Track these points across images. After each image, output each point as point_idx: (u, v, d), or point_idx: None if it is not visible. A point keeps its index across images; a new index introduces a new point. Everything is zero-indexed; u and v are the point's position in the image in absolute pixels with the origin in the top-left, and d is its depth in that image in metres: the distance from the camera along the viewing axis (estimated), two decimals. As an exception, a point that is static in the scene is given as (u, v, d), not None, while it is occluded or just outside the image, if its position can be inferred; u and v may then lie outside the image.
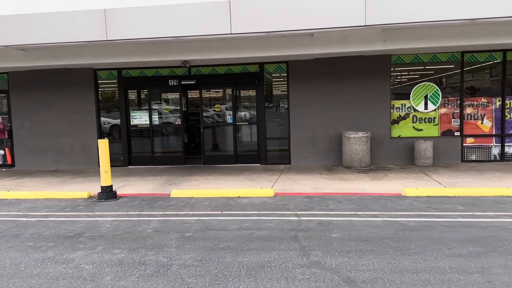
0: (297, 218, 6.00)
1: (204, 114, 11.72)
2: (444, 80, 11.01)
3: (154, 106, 11.78)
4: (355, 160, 10.26)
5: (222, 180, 9.19)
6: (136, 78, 11.66)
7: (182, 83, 11.38)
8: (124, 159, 11.84)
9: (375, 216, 6.04)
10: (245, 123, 11.59)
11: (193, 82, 11.34)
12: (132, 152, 11.95)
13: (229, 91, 11.55)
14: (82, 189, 8.72)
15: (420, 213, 6.17)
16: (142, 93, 11.94)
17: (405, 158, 10.87)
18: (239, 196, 7.49)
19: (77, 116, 11.81)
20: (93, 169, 11.58)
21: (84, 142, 11.87)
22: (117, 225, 6.00)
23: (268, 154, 11.44)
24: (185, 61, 10.84)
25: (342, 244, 4.92)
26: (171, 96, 11.99)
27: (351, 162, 10.31)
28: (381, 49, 8.98)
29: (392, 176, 9.08)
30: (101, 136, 11.91)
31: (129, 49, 9.55)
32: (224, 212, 6.45)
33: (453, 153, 10.79)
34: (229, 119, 11.46)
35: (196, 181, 9.24)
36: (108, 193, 7.62)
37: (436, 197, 7.15)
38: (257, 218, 6.07)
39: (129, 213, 6.64)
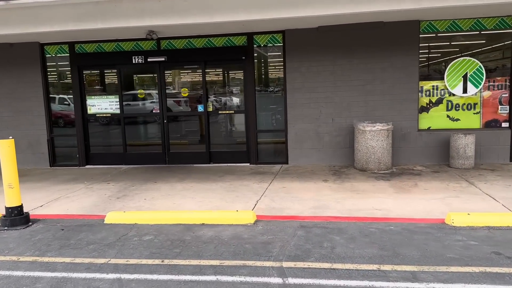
0: (281, 281, 3.56)
1: (173, 100, 9.26)
2: (490, 54, 8.36)
3: (125, 92, 9.33)
4: (371, 161, 7.76)
5: (191, 191, 6.78)
6: (92, 55, 9.19)
7: (148, 60, 8.89)
8: (80, 157, 9.47)
9: (415, 277, 3.58)
10: (230, 111, 9.11)
11: (163, 59, 8.84)
12: (91, 148, 9.57)
13: (210, 70, 9.04)
14: (-2, 204, 6.39)
15: (488, 269, 3.70)
16: (106, 75, 9.48)
17: (436, 156, 8.34)
18: (203, 224, 5.07)
19: (23, 104, 9.44)
20: (41, 170, 9.25)
21: (32, 137, 9.51)
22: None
23: (259, 151, 8.98)
24: (151, 31, 8.33)
25: None
26: (144, 76, 9.52)
27: (366, 163, 7.82)
28: (411, 8, 6.35)
29: (424, 186, 6.58)
30: (51, 129, 9.53)
31: (64, 12, 7.05)
32: (166, 263, 4.03)
33: (500, 150, 8.22)
34: (200, 107, 8.98)
35: (158, 191, 6.85)
36: (14, 218, 5.25)
37: (500, 228, 4.67)
38: (215, 278, 3.65)
39: (21, 258, 4.26)
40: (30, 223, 5.36)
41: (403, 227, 4.77)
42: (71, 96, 9.41)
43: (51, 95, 9.51)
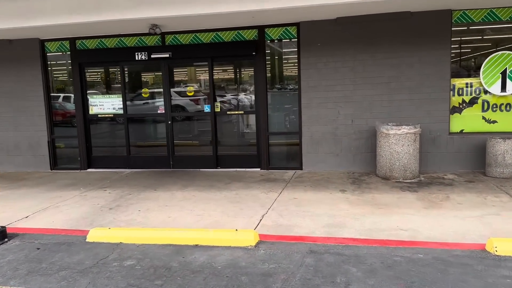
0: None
1: (178, 99, 8.60)
2: (533, 47, 7.35)
3: (129, 91, 8.73)
4: (396, 168, 6.90)
5: (192, 202, 6.09)
6: (93, 52, 8.61)
7: (152, 56, 8.24)
8: (81, 160, 8.93)
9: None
10: (239, 112, 8.37)
11: (168, 56, 8.18)
12: (93, 151, 9.01)
13: (218, 68, 8.33)
14: (-19, 214, 5.85)
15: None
16: (109, 73, 8.90)
17: (470, 163, 7.40)
18: (196, 245, 4.36)
19: (23, 103, 8.96)
20: (40, 173, 8.76)
21: (32, 137, 9.03)
22: None
23: (271, 155, 8.22)
24: (154, 25, 7.68)
25: None
26: (148, 75, 8.89)
27: (389, 170, 6.96)
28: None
29: (457, 199, 5.69)
30: (52, 130, 9.03)
31: (56, 4, 6.46)
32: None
33: (545, 156, 7.20)
34: (206, 107, 8.27)
35: (155, 201, 6.19)
36: (-13, 234, 4.68)
37: (557, 259, 3.78)
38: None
39: (-23, 288, 3.65)
40: (6, 239, 4.77)
41: (434, 255, 3.94)
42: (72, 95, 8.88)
43: (52, 94, 9.00)
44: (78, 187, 7.35)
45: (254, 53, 7.87)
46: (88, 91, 8.86)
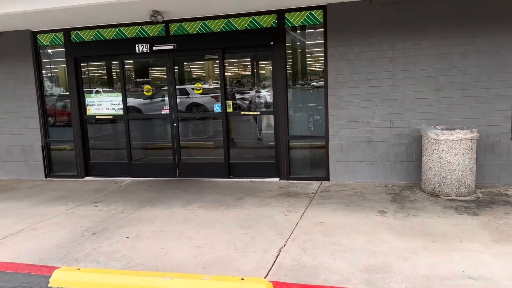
0: None
1: (184, 98, 7.46)
2: None
3: (129, 89, 7.67)
4: (447, 182, 5.56)
5: (193, 225, 4.95)
6: (89, 44, 7.57)
7: (154, 48, 7.14)
8: (78, 167, 7.93)
9: None
10: (255, 112, 7.18)
11: (172, 47, 7.05)
12: (91, 156, 8.00)
13: (230, 60, 7.15)
14: None
15: None
16: (107, 69, 7.85)
17: (539, 175, 5.99)
18: (187, 299, 3.21)
19: (14, 103, 8.03)
20: (32, 182, 7.81)
21: (25, 142, 8.09)
22: None
23: (292, 163, 7.01)
24: (155, 12, 6.57)
25: None
26: (151, 70, 7.78)
27: (439, 184, 5.62)
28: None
29: (537, 228, 4.34)
30: (46, 133, 8.06)
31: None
32: None
33: None
34: (217, 106, 7.09)
35: (150, 223, 5.08)
36: None
37: None
38: None
39: None
40: (-49, 280, 3.75)
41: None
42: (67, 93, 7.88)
43: (48, 92, 8.04)
44: (67, 201, 6.33)
45: (272, 43, 6.65)
46: (85, 90, 7.85)
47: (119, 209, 5.73)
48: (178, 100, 7.37)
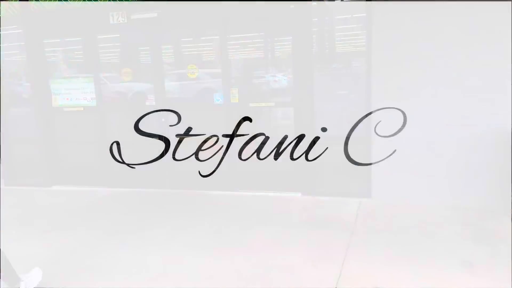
0: None
1: (175, 84, 5.63)
2: None
3: (103, 72, 5.89)
4: (558, 211, 3.65)
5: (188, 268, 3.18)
6: (52, 15, 5.78)
7: (132, 17, 5.32)
8: (44, 174, 6.24)
9: None
10: (269, 103, 5.31)
11: (155, 15, 5.22)
12: (61, 160, 6.29)
13: (234, 35, 5.28)
14: None
15: None
16: (76, 47, 6.05)
17: None
18: None
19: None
20: (-14, 193, 6.16)
21: (-21, 140, 6.43)
22: None
23: (318, 172, 5.15)
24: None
25: None
26: (133, 49, 5.94)
27: (544, 214, 3.72)
28: None
29: None
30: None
31: None
32: None
33: None
34: (217, 96, 5.24)
35: (101, 283, 3.34)
36: None
37: None
38: None
39: None
40: None
41: None
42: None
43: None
44: (12, 227, 4.63)
45: (292, 6, 4.76)
46: (49, 74, 6.09)
47: (69, 247, 3.99)
48: (166, 89, 5.56)
